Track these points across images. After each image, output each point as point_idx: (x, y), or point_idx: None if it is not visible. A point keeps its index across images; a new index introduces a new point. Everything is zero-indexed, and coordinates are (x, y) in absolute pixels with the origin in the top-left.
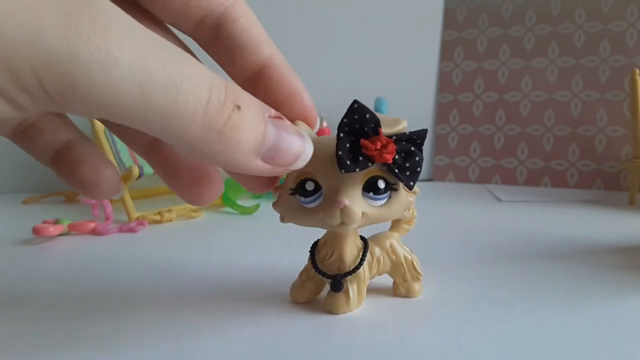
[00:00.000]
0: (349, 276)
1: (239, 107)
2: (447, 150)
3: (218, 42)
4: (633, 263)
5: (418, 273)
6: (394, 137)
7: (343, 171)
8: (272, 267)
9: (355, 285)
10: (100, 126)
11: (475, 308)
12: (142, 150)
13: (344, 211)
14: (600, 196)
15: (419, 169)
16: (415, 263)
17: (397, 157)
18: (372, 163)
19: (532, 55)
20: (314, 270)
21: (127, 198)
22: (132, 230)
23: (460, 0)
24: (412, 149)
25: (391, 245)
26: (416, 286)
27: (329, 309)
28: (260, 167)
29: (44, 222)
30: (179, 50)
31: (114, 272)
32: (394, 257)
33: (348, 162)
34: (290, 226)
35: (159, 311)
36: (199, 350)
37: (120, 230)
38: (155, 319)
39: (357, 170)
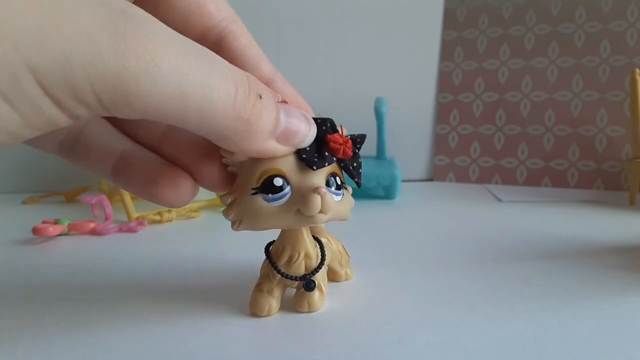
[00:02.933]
0: (318, 272)
1: (260, 96)
2: (447, 150)
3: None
4: (633, 263)
5: (348, 256)
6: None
7: (315, 168)
8: None
9: (320, 280)
10: None
11: (475, 308)
12: (109, 175)
13: (324, 198)
14: (601, 196)
15: (361, 170)
16: (344, 247)
17: None
18: (335, 158)
19: (532, 55)
20: (277, 277)
21: (127, 198)
22: (132, 230)
23: (460, 0)
24: (356, 150)
25: (327, 237)
26: (349, 269)
27: (307, 309)
28: (275, 147)
29: (43, 222)
30: (205, 49)
31: (113, 272)
32: (333, 246)
33: (316, 159)
34: None
35: (159, 311)
36: (200, 350)
37: (120, 230)
38: (155, 318)
39: (326, 165)
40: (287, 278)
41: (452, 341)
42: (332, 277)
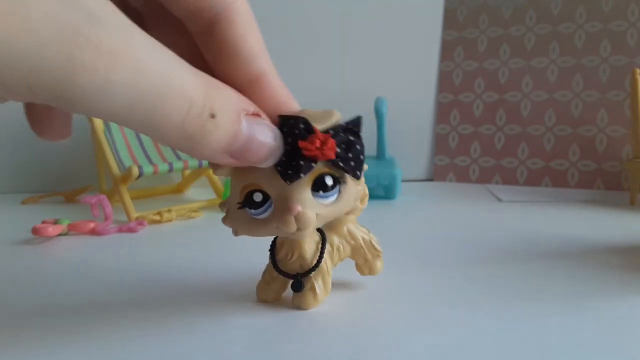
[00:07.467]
0: (313, 272)
1: (213, 116)
2: (447, 150)
3: (211, 42)
4: (633, 263)
5: (378, 251)
6: (331, 132)
7: (289, 182)
8: None
9: (320, 279)
10: (99, 126)
11: (475, 308)
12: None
13: (299, 217)
14: (601, 196)
15: (361, 157)
16: (374, 242)
17: (338, 150)
18: (315, 163)
19: (532, 55)
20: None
21: (127, 198)
22: (131, 230)
23: (460, 0)
24: (352, 138)
25: (348, 231)
26: (377, 263)
27: (298, 306)
28: (229, 162)
29: (43, 222)
30: (172, 56)
31: (113, 272)
32: (352, 242)
33: (290, 172)
34: None
35: (159, 310)
36: (200, 350)
37: (120, 230)
38: (155, 318)
39: (302, 176)
40: (281, 274)
41: (452, 341)
42: (358, 270)
